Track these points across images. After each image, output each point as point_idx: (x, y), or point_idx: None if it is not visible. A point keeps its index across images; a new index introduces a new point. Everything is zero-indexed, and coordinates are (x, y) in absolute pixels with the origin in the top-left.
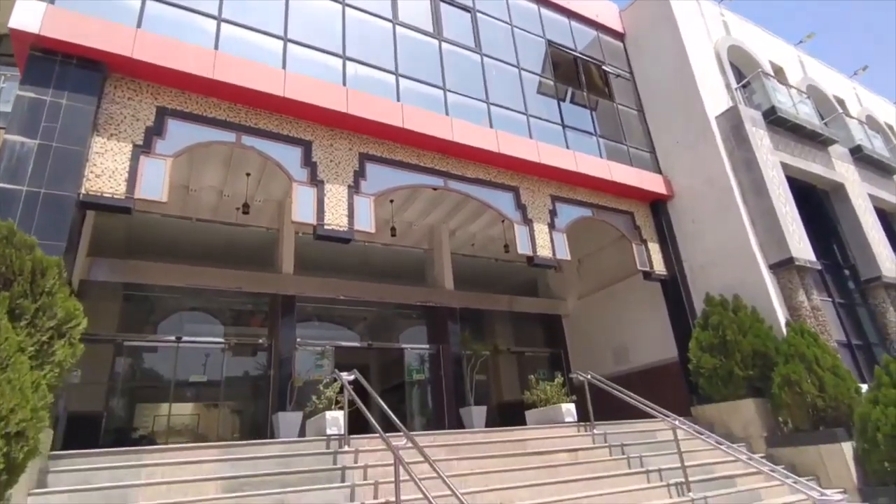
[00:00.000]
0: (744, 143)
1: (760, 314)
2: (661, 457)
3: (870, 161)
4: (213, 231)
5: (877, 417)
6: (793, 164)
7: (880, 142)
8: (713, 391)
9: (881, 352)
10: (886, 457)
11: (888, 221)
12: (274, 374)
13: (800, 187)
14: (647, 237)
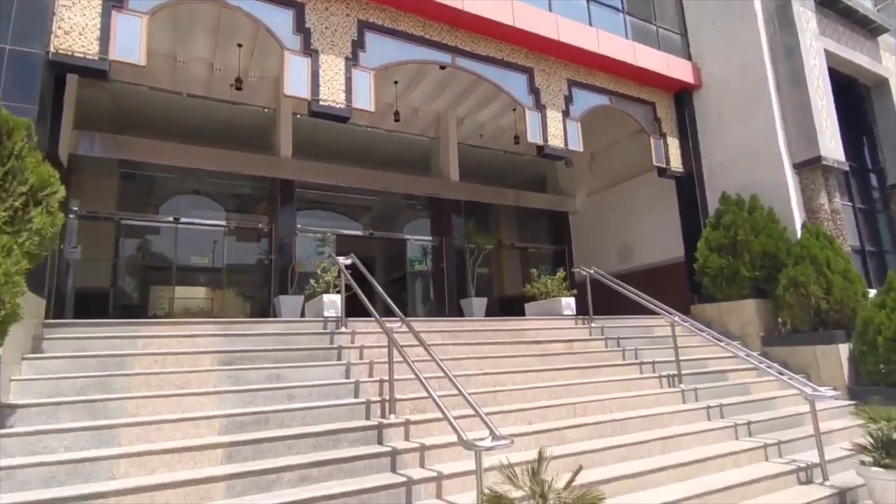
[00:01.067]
0: (788, 26)
1: (777, 215)
2: (657, 350)
3: None
4: (207, 110)
5: (880, 321)
6: (837, 54)
7: None
8: (716, 290)
9: (893, 260)
10: (883, 359)
11: None
12: (275, 260)
13: (840, 80)
14: (666, 131)
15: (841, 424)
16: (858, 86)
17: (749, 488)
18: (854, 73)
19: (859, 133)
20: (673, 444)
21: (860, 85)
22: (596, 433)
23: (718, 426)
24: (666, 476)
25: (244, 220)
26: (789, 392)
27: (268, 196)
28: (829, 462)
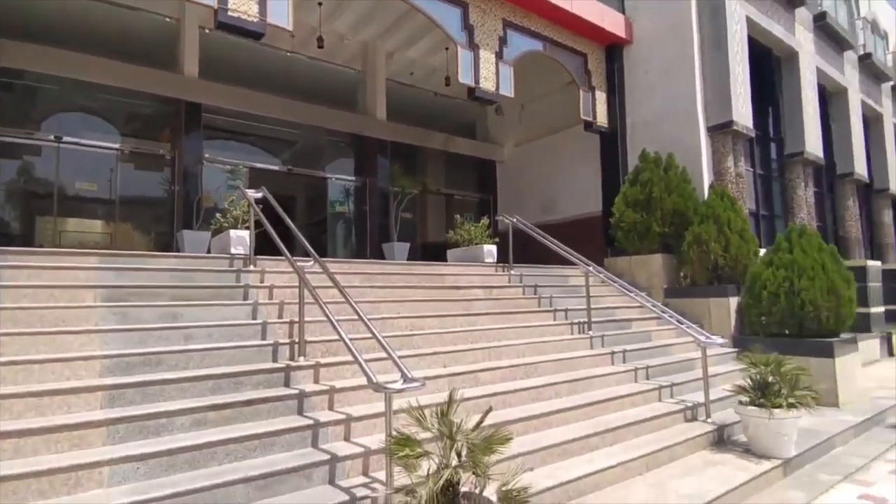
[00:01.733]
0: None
1: (689, 175)
2: (571, 299)
3: (829, 33)
4: (100, 15)
5: (766, 277)
6: (757, 22)
7: (844, 13)
8: (629, 244)
9: (781, 224)
10: (765, 311)
11: (825, 99)
12: (179, 191)
13: (755, 49)
14: (596, 84)
15: (725, 369)
16: (771, 57)
17: (643, 425)
18: (769, 43)
19: (766, 103)
20: (580, 386)
21: (773, 56)
22: (509, 376)
23: (621, 370)
24: (571, 416)
25: (143, 146)
26: (685, 339)
27: (171, 120)
28: (713, 402)
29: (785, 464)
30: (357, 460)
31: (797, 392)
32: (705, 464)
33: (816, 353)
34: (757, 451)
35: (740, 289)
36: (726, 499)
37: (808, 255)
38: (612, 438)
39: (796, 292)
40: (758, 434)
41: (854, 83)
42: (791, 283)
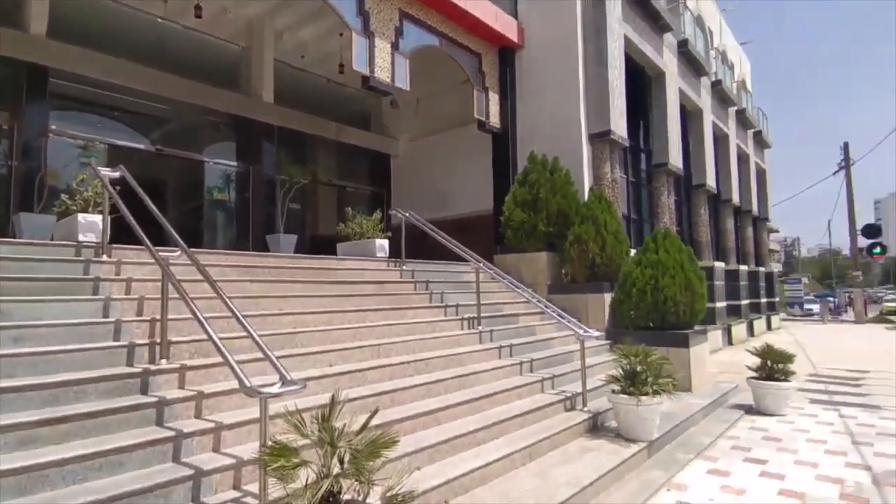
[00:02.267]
0: (599, 6)
1: (572, 178)
2: (462, 295)
3: (689, 59)
4: None
5: (636, 275)
6: (633, 41)
7: (702, 44)
8: (517, 242)
9: (648, 227)
10: (634, 306)
11: (685, 118)
12: (17, 167)
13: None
14: (489, 85)
15: (600, 360)
16: (644, 75)
17: (527, 417)
18: (642, 62)
19: (638, 117)
20: (469, 381)
21: (645, 74)
22: (399, 373)
23: (507, 364)
24: (459, 411)
25: None
26: (565, 333)
27: (11, 85)
28: (590, 391)
29: (649, 446)
30: (227, 473)
31: (660, 380)
32: (582, 450)
33: (675, 343)
34: (626, 436)
35: (614, 285)
36: (599, 483)
37: (671, 256)
38: (498, 431)
39: (660, 289)
40: (627, 420)
41: (708, 105)
42: (656, 281)
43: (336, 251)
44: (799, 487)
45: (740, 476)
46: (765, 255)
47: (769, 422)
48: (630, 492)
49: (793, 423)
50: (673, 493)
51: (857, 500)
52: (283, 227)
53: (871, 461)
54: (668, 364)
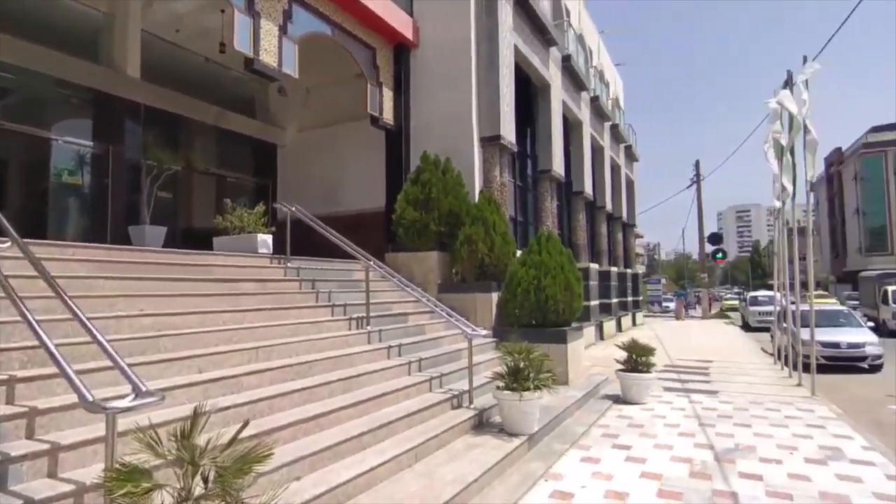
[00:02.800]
0: (492, 14)
1: (463, 179)
2: (350, 293)
3: (572, 73)
4: None
5: (521, 275)
6: (522, 51)
7: (583, 60)
8: (408, 241)
9: (533, 229)
10: (519, 305)
11: (567, 129)
12: None
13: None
14: (383, 81)
15: (487, 357)
16: (531, 85)
17: (415, 417)
18: (530, 72)
19: (525, 124)
20: (356, 382)
21: (532, 84)
22: (279, 378)
23: (396, 364)
24: (345, 415)
25: None
26: (454, 332)
27: None
28: (476, 388)
29: (530, 439)
30: (65, 502)
31: (541, 375)
32: (468, 447)
33: (555, 340)
34: (510, 430)
35: (501, 285)
36: (483, 479)
37: (553, 257)
38: (385, 434)
39: (542, 288)
40: (510, 415)
41: (587, 119)
42: (539, 281)
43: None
44: (657, 469)
45: (609, 462)
46: (632, 258)
47: (634, 410)
48: (512, 485)
49: (653, 410)
50: (550, 483)
51: (702, 477)
52: (150, 217)
53: (714, 441)
54: (548, 360)
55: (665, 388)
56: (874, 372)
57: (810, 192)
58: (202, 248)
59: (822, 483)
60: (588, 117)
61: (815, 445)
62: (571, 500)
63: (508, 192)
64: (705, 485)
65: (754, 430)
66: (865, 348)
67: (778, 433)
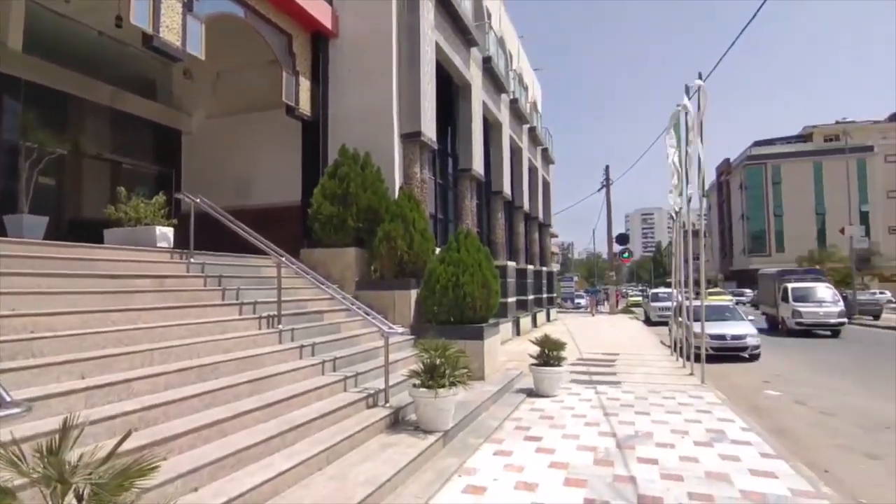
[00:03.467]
0: (414, 10)
1: (383, 175)
2: (261, 291)
3: (492, 75)
4: None
5: (440, 272)
6: (444, 50)
7: (503, 63)
8: (325, 237)
9: (452, 227)
10: (437, 302)
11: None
12: None
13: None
14: (300, 69)
15: (405, 355)
16: (452, 84)
17: (328, 418)
18: (451, 72)
19: (446, 122)
20: (265, 384)
21: (453, 84)
22: (177, 382)
23: (309, 364)
24: (251, 419)
25: None
26: (371, 330)
27: None
28: (393, 387)
29: (445, 435)
30: None
31: (457, 372)
32: (382, 447)
33: (472, 336)
34: (425, 428)
35: (420, 282)
36: (397, 478)
37: (471, 255)
38: (295, 436)
39: (461, 285)
40: (426, 412)
41: (506, 120)
42: (457, 278)
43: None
44: (565, 458)
45: (521, 454)
46: (547, 256)
47: (545, 402)
48: (425, 482)
49: (563, 402)
50: (464, 479)
51: (606, 464)
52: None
53: (617, 429)
54: (465, 356)
55: (575, 380)
56: (753, 361)
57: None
58: (93, 241)
59: (708, 463)
60: (507, 119)
61: (703, 429)
62: (484, 494)
63: (429, 189)
64: (608, 471)
65: (652, 418)
66: (747, 339)
67: (672, 419)
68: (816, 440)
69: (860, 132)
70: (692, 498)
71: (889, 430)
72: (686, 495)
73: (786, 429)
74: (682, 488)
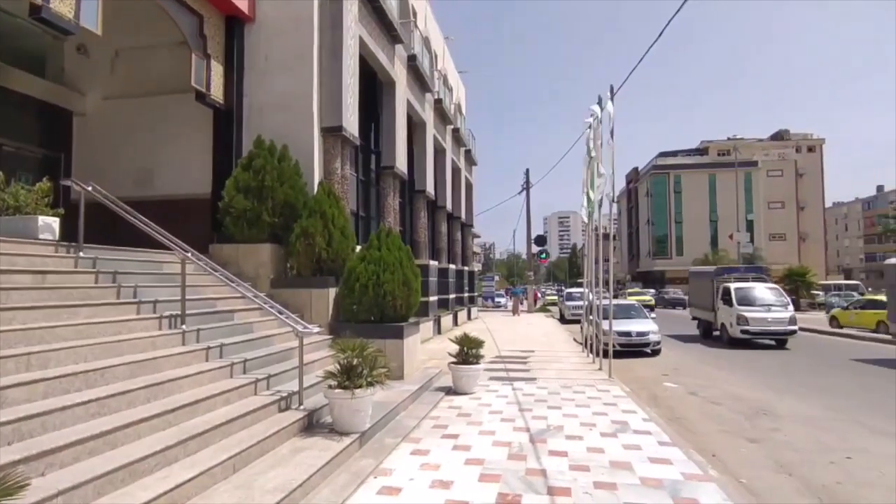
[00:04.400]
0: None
1: (301, 169)
2: (162, 289)
3: (417, 74)
4: None
5: (360, 271)
6: (368, 44)
7: (428, 63)
8: (237, 232)
9: (374, 225)
10: (356, 301)
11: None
12: None
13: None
14: (212, 53)
15: (321, 356)
16: (376, 80)
17: (235, 423)
18: (376, 67)
19: (370, 118)
20: (163, 390)
21: (377, 80)
22: (59, 389)
23: (216, 366)
24: (148, 427)
25: None
26: (285, 329)
27: None
28: (306, 389)
29: (361, 436)
30: None
31: (375, 372)
32: (294, 451)
33: (392, 335)
34: (341, 429)
35: (339, 280)
36: (309, 483)
37: (392, 253)
38: (198, 445)
39: (381, 284)
40: (342, 413)
41: (431, 120)
42: (378, 277)
43: None
44: (481, 455)
45: (438, 453)
46: (469, 256)
47: (463, 400)
48: (340, 485)
49: (480, 399)
50: (379, 480)
51: (519, 458)
52: None
53: (530, 423)
54: (383, 356)
55: (493, 377)
56: (655, 356)
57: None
58: None
59: (613, 453)
60: (432, 119)
61: (609, 421)
62: (399, 495)
63: (350, 186)
64: (521, 465)
65: (563, 412)
66: (649, 336)
67: (582, 413)
68: (706, 427)
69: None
70: (597, 487)
71: (766, 416)
72: (592, 485)
73: (681, 417)
74: (588, 478)
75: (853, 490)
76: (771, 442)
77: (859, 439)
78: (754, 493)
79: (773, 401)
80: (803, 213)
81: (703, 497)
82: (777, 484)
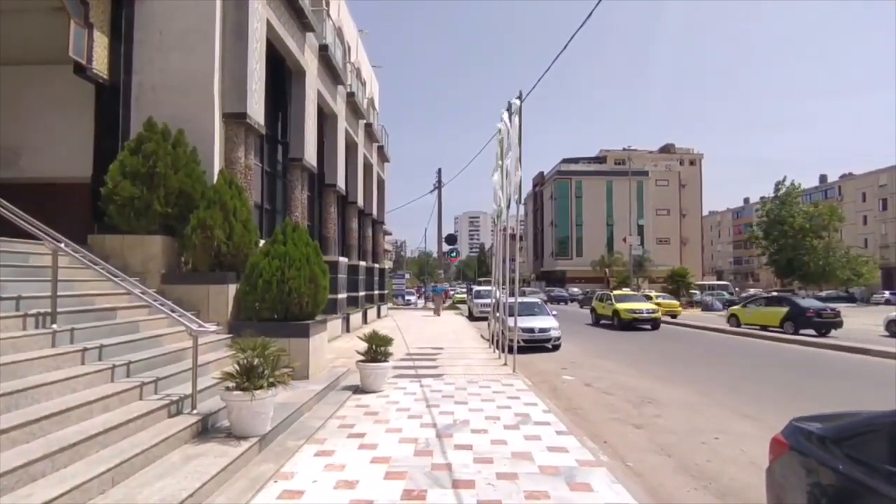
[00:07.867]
0: None
1: (200, 157)
2: (29, 284)
3: (328, 65)
4: None
5: (263, 266)
6: (276, 29)
7: (341, 54)
8: (123, 222)
9: (280, 218)
10: (259, 298)
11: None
12: None
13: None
14: (96, 22)
15: (219, 356)
16: (285, 68)
17: (116, 432)
18: (284, 54)
19: (277, 108)
20: (27, 397)
21: (286, 67)
22: None
23: (93, 370)
24: (5, 440)
25: None
26: (178, 329)
27: None
28: (201, 392)
29: (261, 440)
30: None
31: (277, 372)
32: (185, 459)
33: (297, 334)
34: (239, 434)
35: (240, 276)
36: (201, 492)
37: (298, 249)
38: (69, 457)
39: (286, 281)
40: (240, 417)
41: (343, 113)
42: (283, 273)
43: None
44: (387, 453)
45: (343, 453)
46: (380, 253)
47: (371, 398)
48: (237, 492)
49: (388, 397)
50: (280, 484)
51: (425, 454)
52: None
53: (437, 419)
54: (286, 355)
55: (401, 374)
56: (555, 350)
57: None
58: None
59: (515, 444)
60: (344, 112)
61: (512, 414)
62: (301, 498)
63: (255, 176)
64: (427, 461)
65: (469, 406)
66: (551, 332)
67: (487, 407)
68: (599, 415)
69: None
70: (500, 477)
71: (651, 404)
72: (495, 476)
73: (577, 407)
74: (491, 470)
75: (720, 467)
76: (654, 427)
77: (726, 421)
78: (638, 475)
79: (659, 389)
80: (685, 220)
81: (594, 481)
82: (658, 464)
